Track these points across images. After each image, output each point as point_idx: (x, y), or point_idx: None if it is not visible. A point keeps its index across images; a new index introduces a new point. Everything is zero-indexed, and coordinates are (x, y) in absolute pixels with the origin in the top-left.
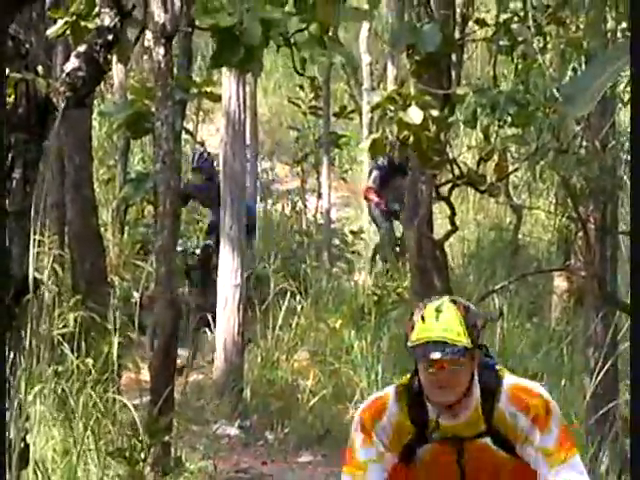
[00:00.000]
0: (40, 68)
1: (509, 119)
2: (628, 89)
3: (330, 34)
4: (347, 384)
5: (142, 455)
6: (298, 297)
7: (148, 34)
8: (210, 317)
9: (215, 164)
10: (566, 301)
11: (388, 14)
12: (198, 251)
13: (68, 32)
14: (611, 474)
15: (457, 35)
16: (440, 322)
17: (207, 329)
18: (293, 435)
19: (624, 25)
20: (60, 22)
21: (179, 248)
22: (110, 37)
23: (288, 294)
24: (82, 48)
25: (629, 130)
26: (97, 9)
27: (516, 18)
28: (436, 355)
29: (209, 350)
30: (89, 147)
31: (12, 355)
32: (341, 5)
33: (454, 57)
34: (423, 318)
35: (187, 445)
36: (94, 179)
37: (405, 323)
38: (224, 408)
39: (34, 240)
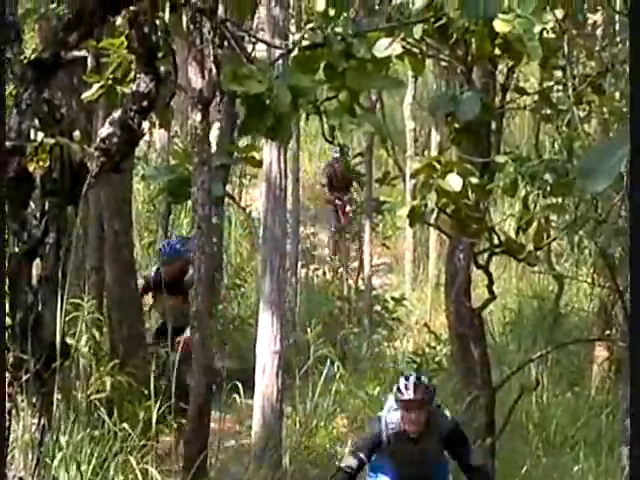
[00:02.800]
0: (78, 133)
1: (548, 188)
2: None
3: (361, 102)
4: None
5: None
6: (337, 363)
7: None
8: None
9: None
10: (606, 370)
11: (433, 81)
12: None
13: (103, 97)
14: None
15: (497, 103)
16: None
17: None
18: None
19: None
20: (95, 86)
21: None
22: (145, 103)
23: (328, 360)
24: (117, 114)
25: None
26: (132, 74)
27: (556, 87)
28: None
29: (248, 415)
30: (128, 211)
31: (42, 421)
32: (375, 73)
33: (494, 125)
34: None
35: None
36: (135, 243)
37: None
38: (262, 475)
39: (72, 304)
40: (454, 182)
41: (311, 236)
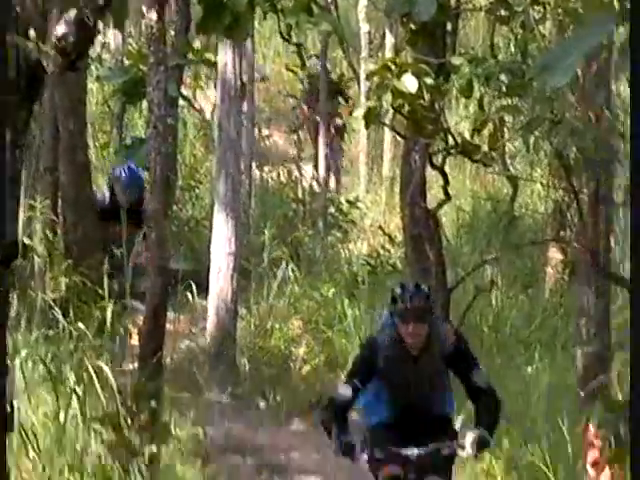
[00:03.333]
0: (33, 32)
1: (504, 89)
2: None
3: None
4: (340, 353)
5: (128, 420)
6: (292, 265)
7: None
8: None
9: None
10: (560, 273)
11: None
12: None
13: None
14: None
15: (452, 4)
16: None
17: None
18: (285, 403)
19: None
20: None
21: None
22: (100, 1)
23: (282, 262)
24: (72, 13)
25: (628, 103)
26: None
27: None
28: None
29: (199, 317)
30: (83, 112)
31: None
32: None
33: (449, 26)
34: None
35: (177, 412)
36: (90, 144)
37: None
38: (216, 376)
39: (26, 204)
40: (410, 83)
41: (266, 138)
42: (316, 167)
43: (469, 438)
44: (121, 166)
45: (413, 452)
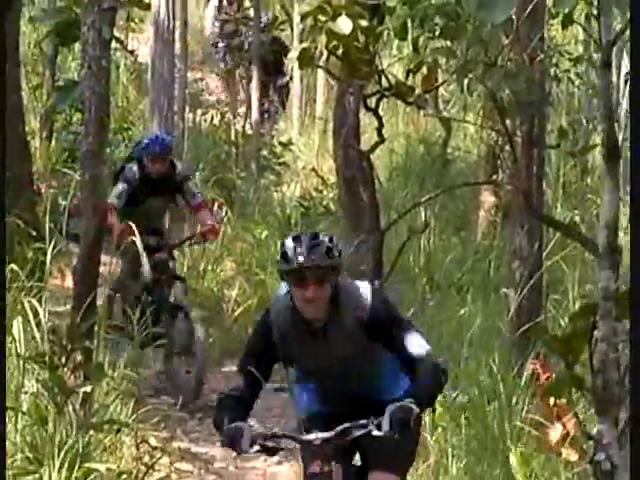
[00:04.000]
0: None
1: (438, 31)
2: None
3: None
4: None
5: (62, 360)
6: (225, 207)
7: None
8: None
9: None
10: (493, 215)
11: None
12: (146, 271)
13: None
14: (531, 388)
15: None
16: None
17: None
18: (218, 344)
19: None
20: None
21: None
22: None
23: (215, 204)
24: None
25: (556, 44)
26: None
27: None
28: None
29: None
30: (16, 53)
31: None
32: None
33: None
34: None
35: (110, 354)
36: (22, 86)
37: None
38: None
39: None
40: (344, 24)
41: (199, 81)
42: (249, 110)
43: (386, 416)
44: (152, 135)
45: (317, 436)
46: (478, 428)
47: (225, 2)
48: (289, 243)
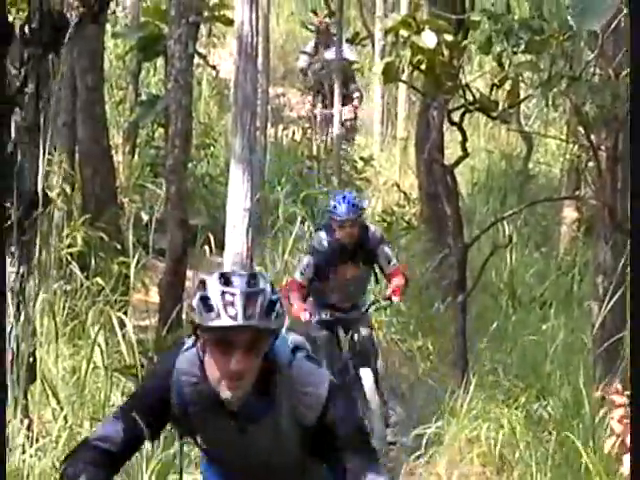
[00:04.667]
0: None
1: (523, 46)
2: None
3: None
4: None
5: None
6: (307, 222)
7: None
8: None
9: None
10: (575, 231)
11: None
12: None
13: None
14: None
15: None
16: None
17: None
18: None
19: None
20: None
21: None
22: None
23: (298, 219)
24: None
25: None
26: None
27: None
28: None
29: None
30: (101, 68)
31: (22, 269)
32: None
33: None
34: None
35: None
36: (106, 100)
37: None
38: None
39: (44, 159)
40: (429, 39)
41: (280, 96)
42: (330, 124)
43: None
44: (338, 196)
45: None
46: (562, 444)
47: (321, 47)
48: (215, 286)
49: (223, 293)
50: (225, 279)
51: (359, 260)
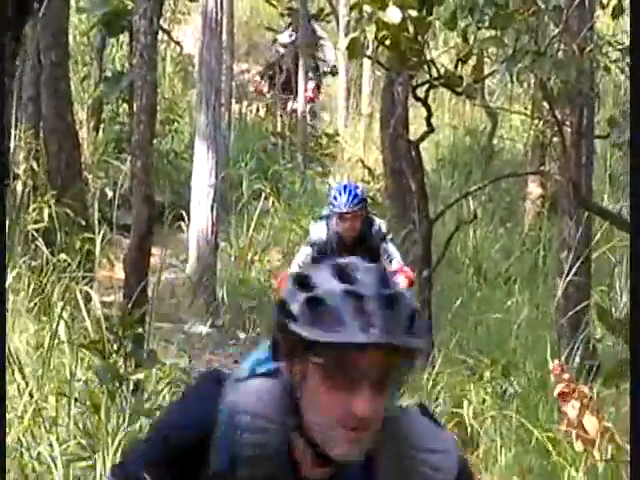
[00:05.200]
0: None
1: (487, 21)
2: None
3: None
4: None
5: (115, 347)
6: (272, 198)
7: None
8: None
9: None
10: (539, 206)
11: None
12: None
13: None
14: (584, 373)
15: None
16: None
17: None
18: (265, 335)
19: None
20: None
21: None
22: None
23: (262, 195)
24: None
25: (607, 35)
26: None
27: None
28: None
29: (183, 249)
30: (65, 43)
31: None
32: None
33: None
34: None
35: (161, 341)
36: (70, 76)
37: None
38: (197, 307)
39: (9, 134)
40: (393, 14)
41: (245, 72)
42: (295, 101)
43: None
44: (338, 186)
45: None
46: (527, 418)
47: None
48: (331, 283)
49: (347, 294)
50: (344, 273)
51: (358, 256)
